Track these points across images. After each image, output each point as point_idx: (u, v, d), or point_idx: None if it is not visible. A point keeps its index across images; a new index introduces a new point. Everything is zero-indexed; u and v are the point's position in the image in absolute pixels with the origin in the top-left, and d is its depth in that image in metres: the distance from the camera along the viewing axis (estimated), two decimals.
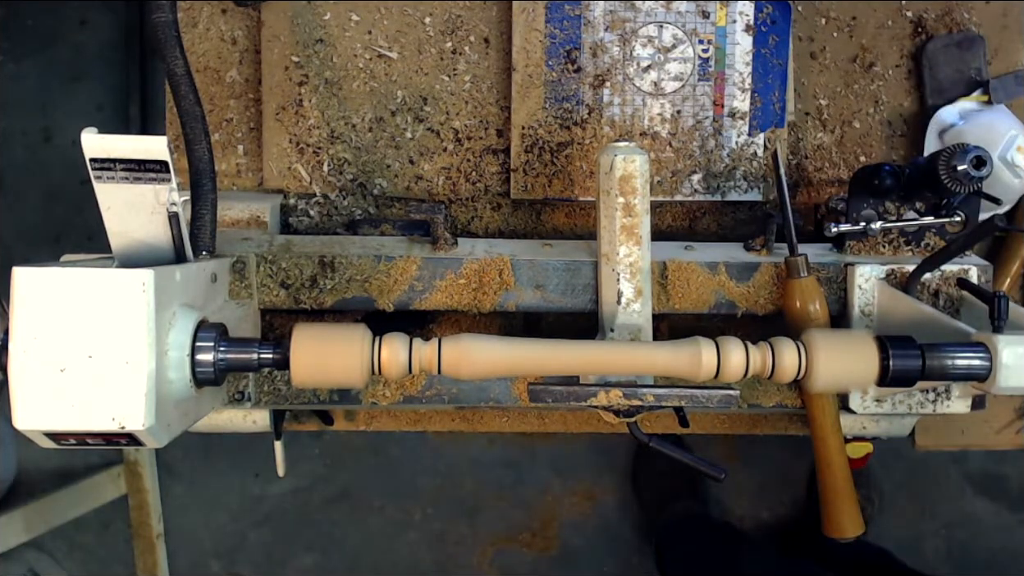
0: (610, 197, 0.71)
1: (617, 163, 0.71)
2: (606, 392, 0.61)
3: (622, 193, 0.71)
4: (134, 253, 0.58)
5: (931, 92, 0.88)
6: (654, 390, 0.62)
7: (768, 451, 1.79)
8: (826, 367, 0.60)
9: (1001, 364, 0.59)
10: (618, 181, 0.71)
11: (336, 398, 0.76)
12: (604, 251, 0.72)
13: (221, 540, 1.79)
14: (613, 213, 0.71)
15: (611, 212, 0.71)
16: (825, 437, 0.76)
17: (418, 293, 0.74)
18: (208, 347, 0.57)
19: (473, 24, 0.85)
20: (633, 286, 0.72)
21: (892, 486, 1.81)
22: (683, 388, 0.62)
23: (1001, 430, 0.99)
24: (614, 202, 0.71)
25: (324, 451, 1.77)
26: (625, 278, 0.72)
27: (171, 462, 1.77)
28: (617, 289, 0.72)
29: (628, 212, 0.71)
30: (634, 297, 0.72)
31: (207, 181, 0.64)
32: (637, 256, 0.72)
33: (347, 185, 0.84)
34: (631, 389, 0.62)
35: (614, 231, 0.71)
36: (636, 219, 0.71)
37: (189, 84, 0.63)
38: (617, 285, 0.72)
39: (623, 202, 0.71)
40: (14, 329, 0.50)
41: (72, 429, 0.51)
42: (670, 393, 0.62)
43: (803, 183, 0.88)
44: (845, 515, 0.76)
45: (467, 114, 0.85)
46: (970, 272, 0.74)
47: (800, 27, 0.87)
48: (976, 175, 0.71)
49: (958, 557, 1.84)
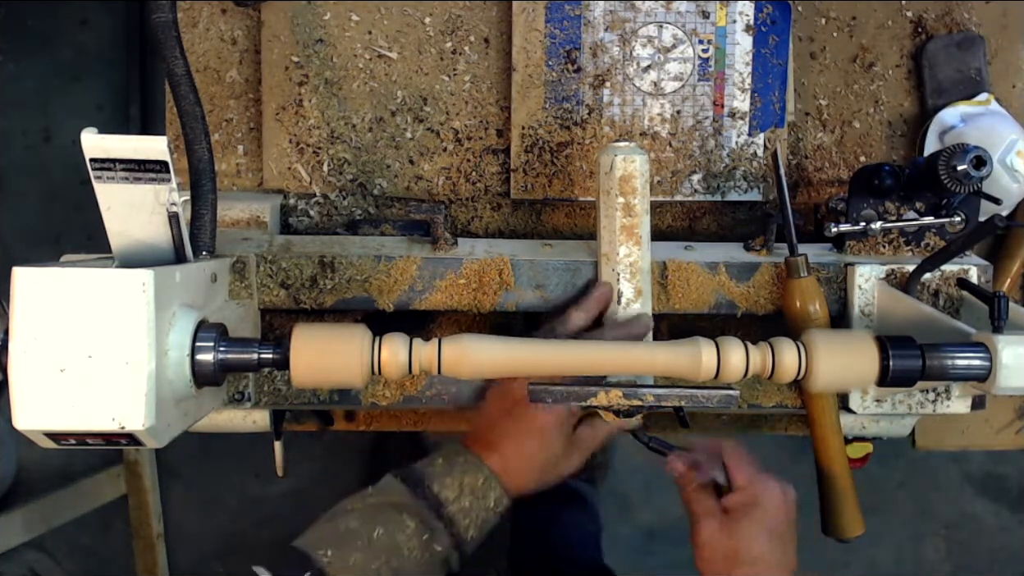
0: (610, 197, 0.71)
1: (617, 163, 0.71)
2: (606, 392, 0.61)
3: (622, 193, 0.71)
4: (134, 253, 0.58)
5: (931, 92, 0.88)
6: (654, 390, 0.62)
7: (768, 451, 1.80)
8: (826, 367, 0.60)
9: (1001, 364, 0.59)
10: (618, 181, 0.71)
11: (336, 398, 0.76)
12: (604, 251, 0.72)
13: (221, 540, 1.79)
14: (613, 213, 0.71)
15: (611, 212, 0.71)
16: (825, 437, 0.76)
17: (418, 293, 0.74)
18: (208, 347, 0.57)
19: (473, 24, 0.85)
20: (633, 286, 0.72)
21: (892, 486, 1.81)
22: (683, 388, 0.62)
23: (1001, 430, 0.99)
24: (614, 202, 0.71)
25: (324, 451, 1.77)
26: (625, 278, 0.72)
27: (171, 462, 1.77)
28: (617, 289, 0.72)
29: (628, 212, 0.71)
30: (634, 297, 0.72)
31: (207, 181, 0.64)
32: (637, 256, 0.72)
33: (347, 185, 0.84)
34: (631, 389, 0.62)
35: (614, 231, 0.71)
36: (636, 219, 0.71)
37: (189, 84, 0.63)
38: (617, 285, 0.72)
39: (623, 202, 0.71)
40: (14, 329, 0.50)
41: (72, 429, 0.51)
42: (670, 393, 0.62)
43: (803, 183, 0.88)
44: (845, 515, 0.76)
45: (467, 114, 0.85)
46: (970, 272, 0.74)
47: (800, 27, 0.87)
48: (976, 175, 0.71)
49: (958, 557, 1.84)
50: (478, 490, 0.66)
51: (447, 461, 0.67)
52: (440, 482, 0.66)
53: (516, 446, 0.68)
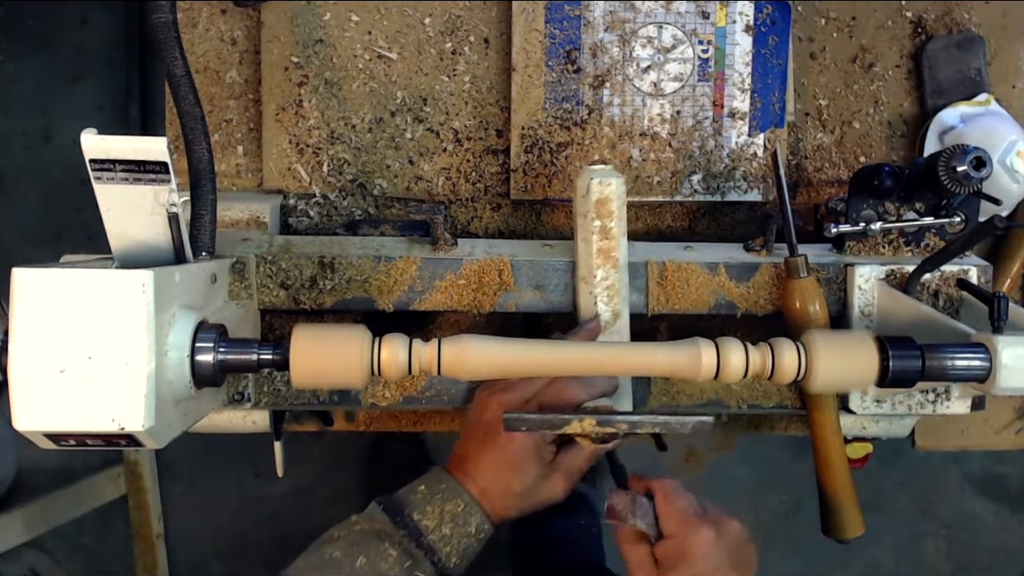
0: (587, 220, 0.71)
1: (593, 186, 0.70)
2: (580, 420, 0.61)
3: (599, 216, 0.71)
4: (134, 254, 0.58)
5: (931, 92, 0.88)
6: (628, 417, 0.62)
7: (768, 451, 1.80)
8: (826, 368, 0.60)
9: (1001, 365, 0.59)
10: (594, 204, 0.71)
11: (336, 399, 0.76)
12: (582, 274, 0.72)
13: (221, 540, 1.79)
14: (590, 236, 0.71)
15: (588, 235, 0.71)
16: (825, 437, 0.76)
17: (418, 294, 0.74)
18: (208, 348, 0.57)
19: (473, 24, 0.85)
20: (611, 309, 0.72)
21: (892, 486, 1.81)
22: (657, 415, 0.61)
23: (1001, 430, 0.99)
24: (591, 225, 0.71)
25: (324, 451, 1.77)
26: (603, 301, 0.72)
27: (171, 462, 1.77)
28: (595, 311, 0.72)
29: (605, 235, 0.71)
30: (612, 320, 0.72)
31: (207, 182, 0.64)
32: (614, 279, 0.71)
33: (347, 185, 0.84)
34: (605, 417, 0.62)
35: (591, 254, 0.71)
36: (613, 242, 0.71)
37: (189, 85, 0.63)
38: (595, 308, 0.72)
39: (600, 225, 0.71)
40: (14, 330, 0.50)
41: (72, 430, 0.51)
42: (644, 420, 0.61)
43: (803, 183, 0.88)
44: (845, 516, 0.76)
45: (467, 114, 0.85)
46: (970, 272, 0.74)
47: (800, 27, 0.87)
48: (976, 176, 0.71)
49: (958, 557, 1.84)
50: (459, 517, 0.66)
51: (429, 488, 0.67)
52: (421, 510, 0.66)
53: (493, 473, 0.68)
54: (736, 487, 1.80)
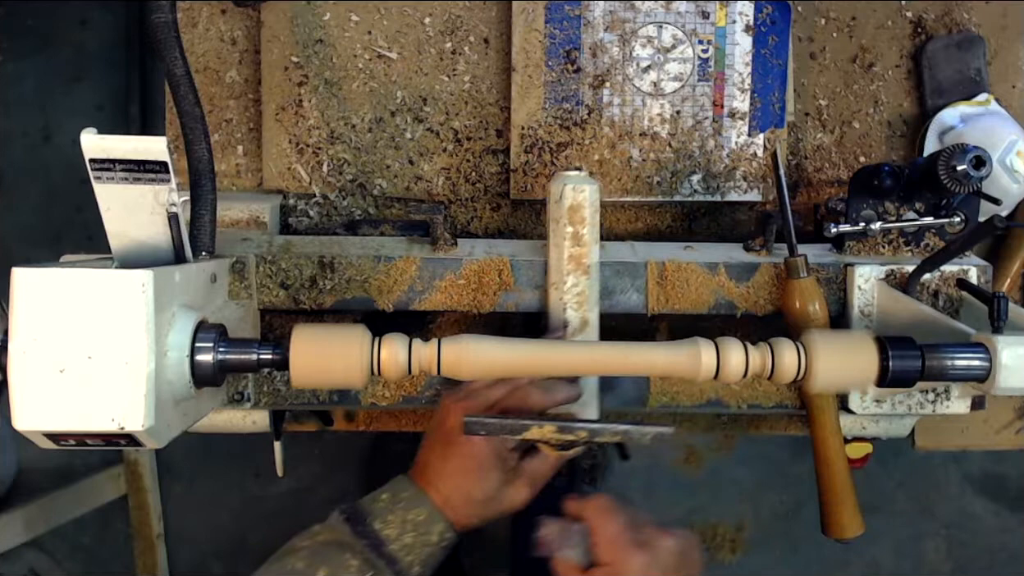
0: (559, 226, 0.71)
1: (567, 192, 0.70)
2: (540, 426, 0.61)
3: (571, 223, 0.71)
4: (134, 253, 0.58)
5: (931, 92, 0.88)
6: (588, 425, 0.62)
7: (768, 451, 1.80)
8: (826, 368, 0.60)
9: (1001, 365, 0.59)
10: (567, 211, 0.70)
11: (336, 399, 0.76)
12: (552, 280, 0.72)
13: (221, 540, 1.79)
14: (562, 242, 0.71)
15: (560, 241, 0.71)
16: (825, 437, 0.76)
17: (417, 293, 0.74)
18: (207, 348, 0.57)
19: (473, 24, 0.85)
20: (580, 315, 0.72)
21: (892, 486, 1.81)
22: (617, 424, 0.61)
23: (1001, 430, 0.99)
24: (563, 231, 0.71)
25: (324, 451, 1.77)
26: (572, 307, 0.71)
27: (171, 462, 1.77)
28: (564, 318, 0.72)
29: (577, 241, 0.71)
30: (580, 327, 0.72)
31: (207, 181, 0.64)
32: (584, 286, 0.71)
33: (347, 185, 0.84)
34: (566, 423, 0.62)
35: (562, 260, 0.71)
36: (584, 249, 0.71)
37: (189, 84, 0.63)
38: (563, 315, 0.71)
39: (572, 231, 0.71)
40: (14, 330, 0.50)
41: (71, 430, 0.51)
42: (604, 428, 0.61)
43: (803, 183, 0.88)
44: (845, 516, 0.76)
45: (467, 114, 0.85)
46: (970, 272, 0.74)
47: (800, 27, 0.87)
48: (975, 175, 0.71)
49: (958, 557, 1.84)
50: (421, 526, 0.66)
51: (392, 496, 0.67)
52: (382, 519, 0.65)
53: (455, 481, 0.67)
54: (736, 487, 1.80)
